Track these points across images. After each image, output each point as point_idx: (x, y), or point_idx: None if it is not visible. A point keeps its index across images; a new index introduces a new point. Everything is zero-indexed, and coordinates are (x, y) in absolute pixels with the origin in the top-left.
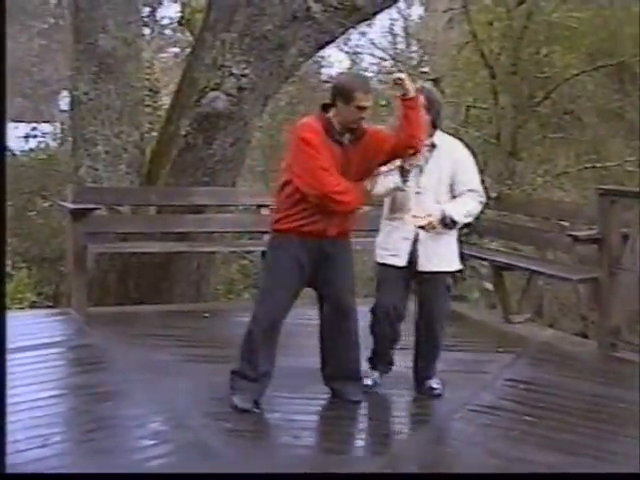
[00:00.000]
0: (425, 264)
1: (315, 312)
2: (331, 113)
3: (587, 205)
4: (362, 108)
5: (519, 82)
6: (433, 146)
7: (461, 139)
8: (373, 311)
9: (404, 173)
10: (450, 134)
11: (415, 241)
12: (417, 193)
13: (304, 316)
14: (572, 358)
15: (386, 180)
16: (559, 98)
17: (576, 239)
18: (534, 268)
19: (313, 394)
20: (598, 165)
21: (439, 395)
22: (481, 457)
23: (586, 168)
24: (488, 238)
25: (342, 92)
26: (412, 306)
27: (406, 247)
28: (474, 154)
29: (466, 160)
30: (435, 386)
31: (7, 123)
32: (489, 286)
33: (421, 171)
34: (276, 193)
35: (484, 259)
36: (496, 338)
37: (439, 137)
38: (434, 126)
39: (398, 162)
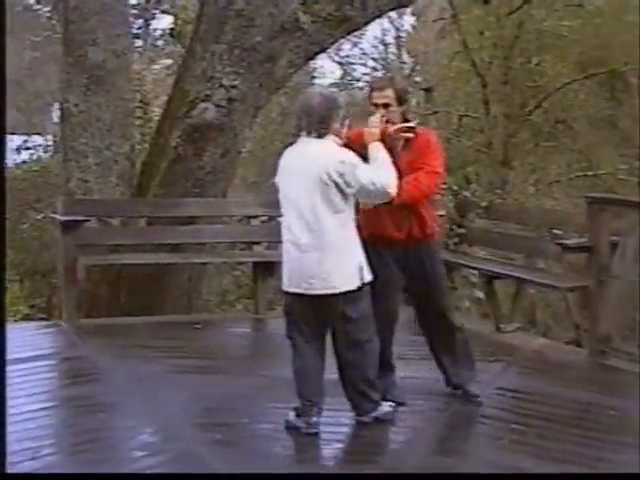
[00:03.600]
0: None
1: None
2: None
3: (578, 213)
4: (374, 105)
5: (510, 91)
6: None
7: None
8: None
9: None
10: None
11: None
12: None
13: None
14: (562, 366)
15: None
16: (551, 107)
17: (565, 247)
18: (523, 277)
19: None
20: (590, 173)
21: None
22: (471, 466)
23: (578, 177)
24: (478, 247)
25: None
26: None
27: None
28: (467, 163)
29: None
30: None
31: (6, 135)
32: (480, 295)
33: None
34: None
35: (474, 268)
36: (487, 347)
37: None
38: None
39: None
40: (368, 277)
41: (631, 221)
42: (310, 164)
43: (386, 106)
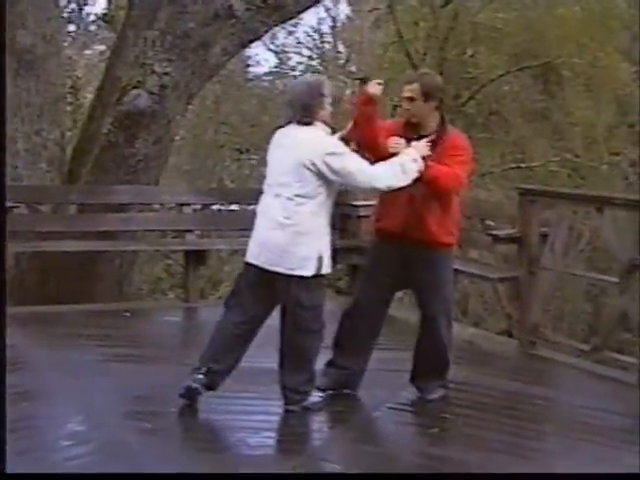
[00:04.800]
0: None
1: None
2: None
3: (509, 204)
4: (403, 98)
5: (445, 82)
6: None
7: None
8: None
9: None
10: None
11: None
12: None
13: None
14: (493, 356)
15: None
16: (484, 98)
17: (496, 238)
18: (455, 267)
19: (236, 393)
20: (523, 165)
21: None
22: (401, 455)
23: (511, 168)
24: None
25: None
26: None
27: None
28: None
29: None
30: None
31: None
32: None
33: None
34: None
35: None
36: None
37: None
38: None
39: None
40: (326, 269)
41: (560, 213)
42: (297, 148)
43: (411, 100)
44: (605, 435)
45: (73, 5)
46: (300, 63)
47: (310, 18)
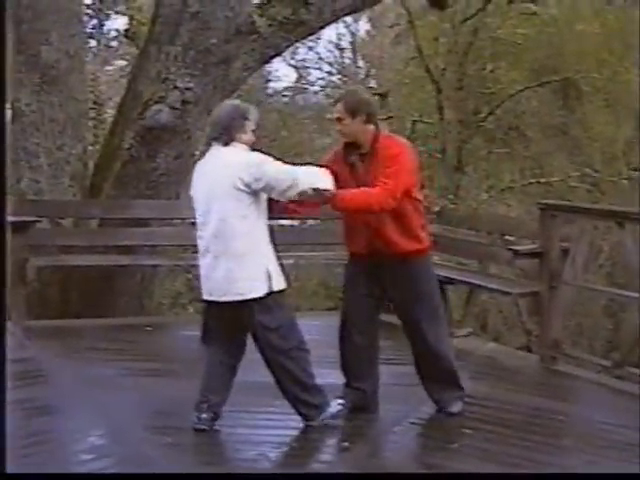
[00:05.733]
0: None
1: None
2: None
3: (530, 220)
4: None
5: (464, 97)
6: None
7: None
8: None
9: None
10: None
11: None
12: None
13: None
14: (513, 371)
15: None
16: (504, 114)
17: (516, 253)
18: (475, 282)
19: (256, 408)
20: (542, 180)
21: None
22: (420, 470)
23: (530, 183)
24: (431, 252)
25: None
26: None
27: None
28: (420, 168)
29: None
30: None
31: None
32: None
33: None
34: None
35: None
36: None
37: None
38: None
39: None
40: (278, 285)
41: (582, 228)
42: (220, 170)
43: (338, 120)
44: (626, 451)
45: (94, 21)
46: (320, 78)
47: (330, 33)
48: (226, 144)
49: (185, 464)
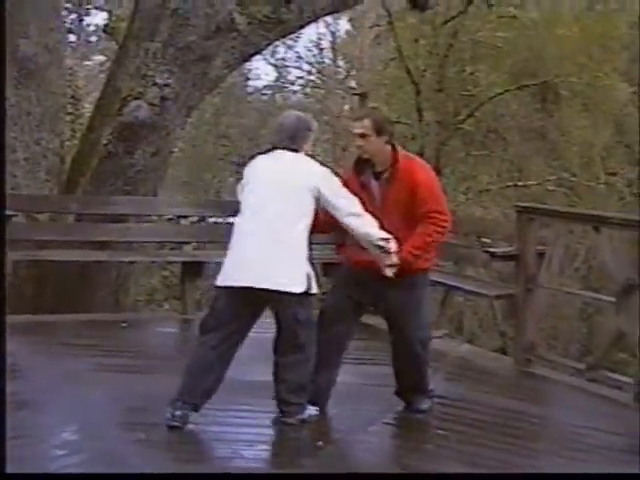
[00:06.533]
0: None
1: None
2: None
3: (506, 222)
4: (354, 135)
5: (444, 99)
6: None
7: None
8: None
9: None
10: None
11: None
12: None
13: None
14: (487, 373)
15: None
16: (483, 116)
17: (493, 255)
18: (451, 283)
19: (230, 406)
20: (520, 184)
21: None
22: (393, 470)
23: (508, 186)
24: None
25: None
26: None
27: None
28: None
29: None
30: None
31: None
32: None
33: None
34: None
35: None
36: None
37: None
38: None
39: None
40: (314, 289)
41: (558, 231)
42: (291, 170)
43: (363, 136)
44: (600, 454)
45: (73, 16)
46: (300, 77)
47: (310, 33)
48: (294, 151)
49: (158, 461)
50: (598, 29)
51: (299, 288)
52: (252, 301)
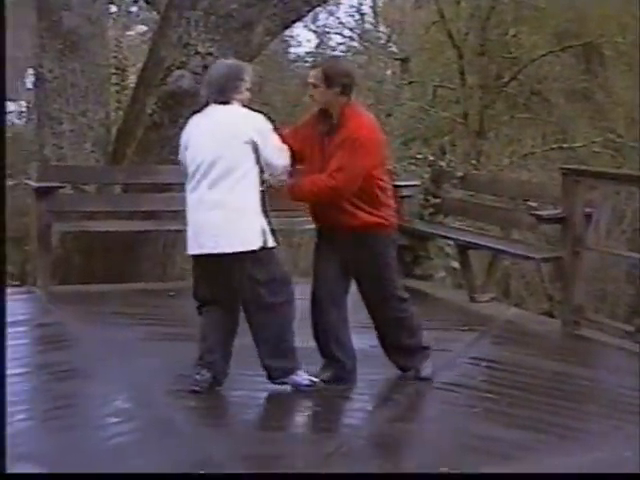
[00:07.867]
0: None
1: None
2: None
3: (552, 185)
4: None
5: (486, 62)
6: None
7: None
8: None
9: None
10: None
11: None
12: None
13: None
14: (535, 336)
15: None
16: (526, 79)
17: (539, 218)
18: (498, 247)
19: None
20: (564, 146)
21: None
22: (443, 434)
23: (552, 149)
24: (453, 217)
25: None
26: None
27: None
28: (443, 134)
29: None
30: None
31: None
32: (456, 265)
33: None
34: None
35: (449, 238)
36: (460, 317)
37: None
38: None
39: None
40: (271, 243)
41: (605, 193)
42: (223, 126)
43: (313, 86)
44: None
45: None
46: (341, 44)
47: None
48: (224, 103)
49: (206, 427)
50: None
51: (253, 245)
52: (218, 266)
